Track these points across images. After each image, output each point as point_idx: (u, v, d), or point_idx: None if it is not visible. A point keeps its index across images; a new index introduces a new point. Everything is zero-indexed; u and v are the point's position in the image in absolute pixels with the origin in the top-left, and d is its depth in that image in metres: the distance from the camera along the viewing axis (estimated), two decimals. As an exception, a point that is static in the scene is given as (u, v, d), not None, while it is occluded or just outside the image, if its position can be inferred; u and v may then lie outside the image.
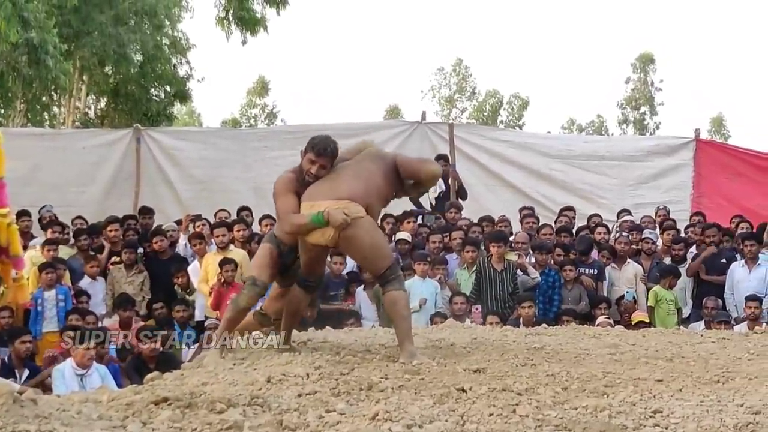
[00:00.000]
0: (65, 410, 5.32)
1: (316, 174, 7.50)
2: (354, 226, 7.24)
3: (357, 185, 7.44)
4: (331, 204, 7.24)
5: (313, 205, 7.30)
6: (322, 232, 7.25)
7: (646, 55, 58.13)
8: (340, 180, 7.47)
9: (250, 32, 26.57)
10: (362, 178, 7.53)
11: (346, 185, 7.42)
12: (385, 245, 7.82)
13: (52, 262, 12.62)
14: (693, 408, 5.66)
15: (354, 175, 7.55)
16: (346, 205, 7.25)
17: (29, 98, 27.83)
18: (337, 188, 7.40)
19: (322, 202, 7.28)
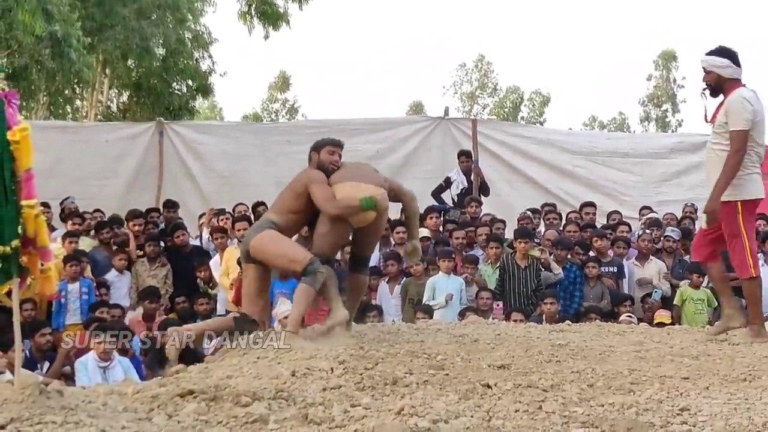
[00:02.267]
0: (91, 402, 5.33)
1: (338, 163, 8.27)
2: (385, 214, 8.24)
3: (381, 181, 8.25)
4: (375, 189, 7.97)
5: (358, 186, 7.99)
6: (365, 214, 7.95)
7: (669, 52, 57.96)
8: (368, 172, 8.31)
9: (273, 27, 26.67)
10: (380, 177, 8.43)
11: (377, 178, 8.24)
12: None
13: (76, 254, 12.63)
14: (720, 406, 5.64)
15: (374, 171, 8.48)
16: (384, 195, 8.01)
17: (52, 91, 27.89)
18: (373, 177, 8.23)
19: (367, 185, 8.00)
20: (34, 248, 5.36)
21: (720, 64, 8.47)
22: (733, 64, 8.51)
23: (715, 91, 8.54)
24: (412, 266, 12.84)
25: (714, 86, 8.51)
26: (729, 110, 8.33)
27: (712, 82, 8.52)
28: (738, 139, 8.28)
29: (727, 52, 8.60)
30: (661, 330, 9.55)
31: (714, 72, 8.48)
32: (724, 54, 8.56)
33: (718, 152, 8.42)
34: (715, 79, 8.49)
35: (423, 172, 16.97)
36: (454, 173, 16.33)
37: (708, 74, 8.53)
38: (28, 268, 5.42)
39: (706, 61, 8.56)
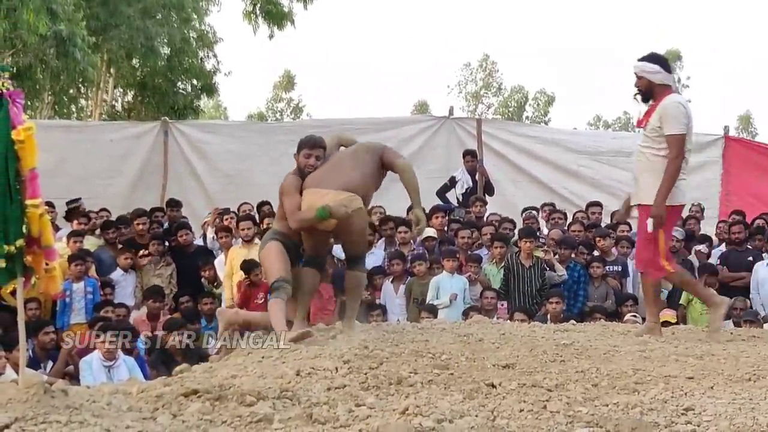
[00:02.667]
0: (95, 401, 5.33)
1: (314, 165, 8.49)
2: (352, 216, 8.20)
3: (356, 177, 8.37)
4: (335, 195, 8.15)
5: (318, 192, 8.21)
6: (327, 222, 8.16)
7: (673, 52, 57.91)
8: (342, 171, 8.43)
9: (277, 26, 26.68)
10: (360, 169, 8.45)
11: (348, 177, 8.33)
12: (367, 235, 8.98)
13: (81, 253, 12.64)
14: (725, 406, 5.63)
15: (353, 166, 8.48)
16: (347, 198, 8.17)
17: (57, 91, 27.92)
18: (340, 179, 8.31)
19: (327, 191, 8.19)
20: (38, 248, 5.36)
21: (651, 70, 8.67)
22: (663, 70, 8.73)
23: (645, 96, 8.73)
24: (415, 266, 12.85)
25: (645, 91, 8.72)
26: (665, 115, 8.51)
27: (642, 88, 8.73)
28: (676, 143, 8.49)
29: (658, 58, 8.86)
30: (666, 330, 9.54)
31: (645, 77, 8.68)
32: (655, 60, 8.77)
33: (648, 156, 8.60)
34: (646, 85, 8.69)
35: (428, 171, 16.94)
36: (458, 173, 16.33)
37: (639, 80, 8.74)
38: (33, 267, 5.42)
39: (638, 66, 8.75)
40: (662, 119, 8.48)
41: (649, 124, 8.56)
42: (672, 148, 8.46)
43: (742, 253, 13.99)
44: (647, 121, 8.60)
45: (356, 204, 8.22)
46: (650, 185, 8.56)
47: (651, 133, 8.56)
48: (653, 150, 8.54)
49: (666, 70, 8.73)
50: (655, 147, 8.53)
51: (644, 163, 8.61)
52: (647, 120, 8.61)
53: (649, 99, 8.69)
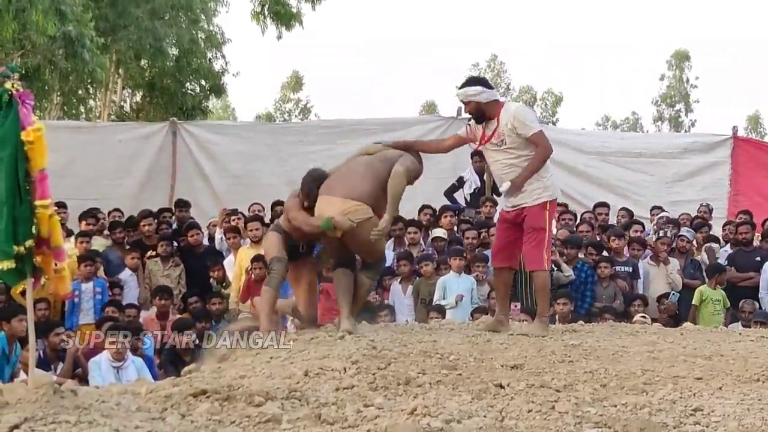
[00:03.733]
0: (104, 402, 5.34)
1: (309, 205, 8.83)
2: (359, 227, 8.43)
3: (366, 186, 8.61)
4: (341, 204, 8.44)
5: (328, 200, 8.57)
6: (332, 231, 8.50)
7: (682, 52, 57.89)
8: (352, 179, 8.64)
9: (286, 27, 26.68)
10: (372, 178, 8.66)
11: (358, 185, 8.59)
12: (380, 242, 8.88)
13: (91, 254, 12.66)
14: (734, 406, 5.63)
15: (365, 174, 8.70)
16: (353, 209, 8.42)
17: (66, 91, 27.95)
18: (349, 186, 8.58)
19: (336, 198, 8.51)
20: (47, 248, 5.37)
21: (474, 92, 8.80)
22: (486, 89, 8.86)
23: (479, 118, 8.83)
24: (422, 267, 12.88)
25: (477, 113, 8.83)
26: (518, 119, 8.68)
27: (473, 111, 8.86)
28: (542, 138, 8.74)
29: (479, 79, 9.26)
30: (675, 330, 9.54)
31: (472, 101, 8.80)
32: (475, 82, 8.97)
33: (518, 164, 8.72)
34: (475, 107, 8.81)
35: (436, 171, 16.92)
36: (467, 173, 16.30)
37: (467, 104, 8.90)
38: (42, 268, 5.43)
39: (461, 94, 8.91)
40: (517, 127, 8.63)
41: (507, 138, 8.66)
42: (541, 142, 8.72)
43: (749, 254, 13.96)
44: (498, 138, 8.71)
45: (362, 215, 8.41)
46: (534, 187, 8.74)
47: (512, 144, 8.67)
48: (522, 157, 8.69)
49: (488, 88, 8.89)
50: (522, 154, 8.68)
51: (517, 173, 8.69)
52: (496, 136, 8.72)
53: (483, 119, 8.80)
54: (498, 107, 8.76)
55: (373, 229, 8.54)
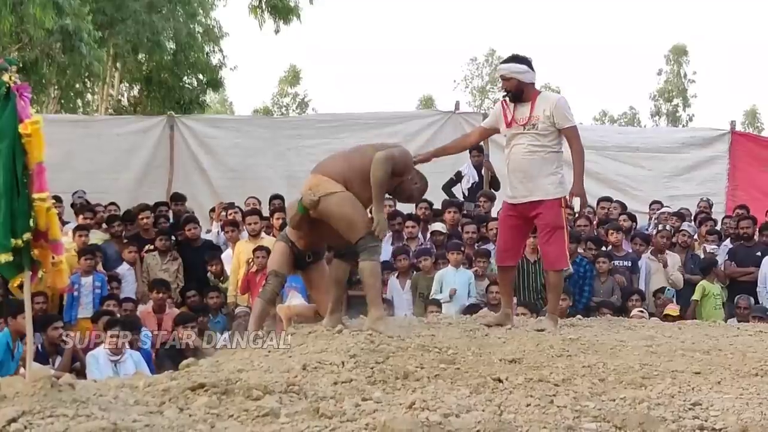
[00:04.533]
0: (102, 395, 5.34)
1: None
2: (324, 202, 8.15)
3: (339, 164, 8.37)
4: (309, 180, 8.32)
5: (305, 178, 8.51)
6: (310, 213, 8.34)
7: (680, 46, 57.85)
8: (332, 158, 8.62)
9: (283, 21, 26.60)
10: (350, 159, 8.40)
11: (331, 163, 8.44)
12: (359, 218, 8.27)
13: (91, 247, 12.65)
14: (732, 401, 5.64)
15: (344, 155, 8.55)
16: (316, 183, 8.21)
17: (63, 85, 27.88)
18: (323, 165, 8.49)
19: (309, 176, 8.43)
20: (45, 241, 5.36)
21: (520, 70, 8.70)
22: (530, 70, 8.79)
23: (516, 97, 8.72)
24: (420, 261, 12.88)
25: (515, 92, 8.71)
26: (560, 109, 8.63)
27: (512, 89, 8.72)
28: (577, 134, 8.73)
29: (524, 58, 8.90)
30: (673, 324, 9.54)
31: (515, 78, 8.69)
32: (522, 60, 8.84)
33: (543, 154, 8.64)
34: (516, 85, 8.69)
35: (433, 166, 16.58)
36: (464, 167, 16.29)
37: (508, 81, 8.74)
38: (40, 261, 5.42)
39: (506, 68, 8.78)
40: (555, 115, 8.56)
41: (540, 124, 8.58)
42: (575, 139, 8.70)
43: (750, 249, 13.97)
44: (530, 122, 8.60)
45: (324, 188, 8.15)
46: (551, 181, 8.67)
47: (544, 131, 8.59)
48: (547, 147, 8.63)
49: (532, 69, 8.81)
50: (548, 144, 8.62)
51: (538, 161, 8.61)
52: (528, 119, 8.61)
53: (519, 99, 8.70)
54: (534, 92, 8.70)
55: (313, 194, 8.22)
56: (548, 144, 8.61)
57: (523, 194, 8.70)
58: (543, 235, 8.80)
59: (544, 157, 8.61)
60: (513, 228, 8.97)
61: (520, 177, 8.68)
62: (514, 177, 8.75)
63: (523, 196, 8.71)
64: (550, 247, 8.79)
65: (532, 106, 8.60)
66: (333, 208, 8.17)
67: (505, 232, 9.08)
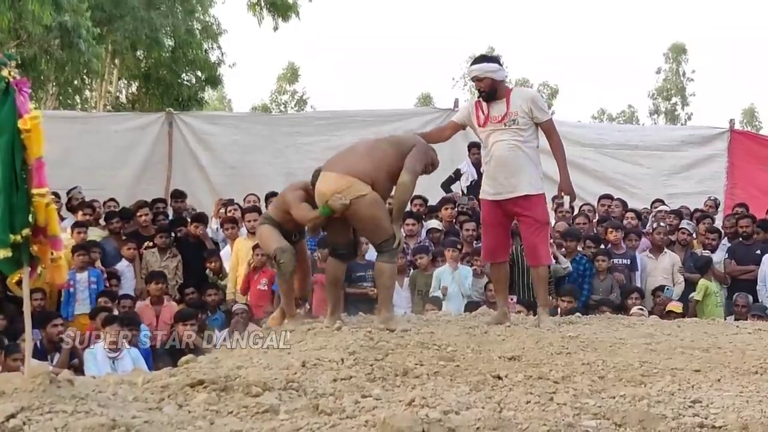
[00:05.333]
0: (101, 391, 5.33)
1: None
2: (355, 205, 8.20)
3: (365, 163, 8.36)
4: (337, 180, 8.25)
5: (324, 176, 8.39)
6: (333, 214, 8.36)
7: (678, 45, 57.91)
8: (352, 156, 8.53)
9: (282, 18, 26.62)
10: (373, 156, 8.44)
11: (355, 162, 8.38)
12: (385, 221, 8.42)
13: (85, 244, 12.63)
14: (732, 398, 5.63)
15: (366, 153, 8.51)
16: (347, 186, 8.19)
17: (61, 82, 27.83)
18: (346, 163, 8.41)
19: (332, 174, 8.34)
20: (44, 237, 5.35)
21: (492, 69, 8.75)
22: (501, 67, 8.87)
23: (490, 96, 8.72)
24: (417, 259, 12.87)
25: (489, 91, 8.71)
26: (536, 103, 8.74)
27: (487, 88, 8.72)
28: (554, 125, 8.92)
29: (493, 57, 9.17)
30: (672, 322, 9.53)
31: (489, 77, 8.70)
32: (492, 60, 8.98)
33: (525, 148, 8.67)
34: (490, 85, 8.71)
35: (433, 164, 16.92)
36: (464, 165, 16.28)
37: (481, 81, 8.74)
38: (39, 257, 5.42)
39: (479, 68, 8.77)
40: (534, 108, 8.65)
41: (518, 118, 8.61)
42: (554, 131, 8.84)
43: (749, 247, 13.95)
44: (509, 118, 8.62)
45: (355, 192, 8.19)
46: (534, 176, 8.72)
47: (524, 126, 8.63)
48: (528, 142, 8.68)
49: (502, 67, 8.90)
50: (529, 139, 8.68)
51: (522, 156, 8.64)
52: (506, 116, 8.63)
53: (493, 98, 8.71)
54: (506, 89, 8.74)
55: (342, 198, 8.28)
56: (529, 138, 8.67)
57: (508, 190, 8.71)
58: (531, 231, 8.80)
59: (527, 151, 8.66)
60: (497, 225, 8.98)
61: (505, 173, 8.69)
62: (498, 173, 8.74)
63: (509, 192, 8.71)
64: (537, 242, 8.84)
65: (508, 103, 8.64)
66: (363, 211, 8.28)
67: (490, 230, 9.10)
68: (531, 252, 9.02)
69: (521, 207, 8.71)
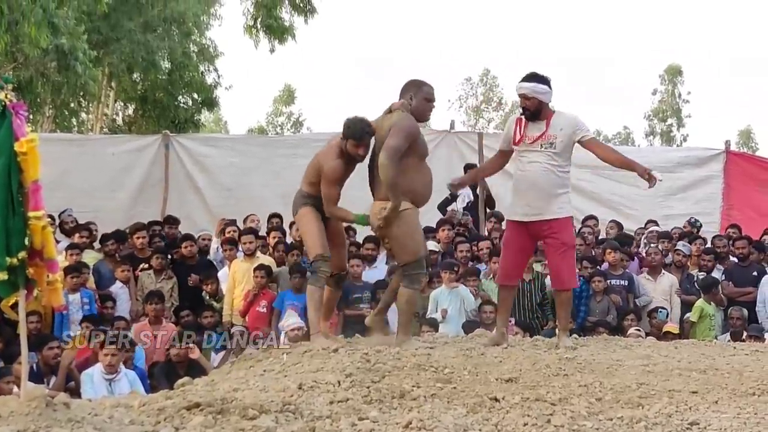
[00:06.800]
0: (97, 414, 5.32)
1: (364, 154, 8.54)
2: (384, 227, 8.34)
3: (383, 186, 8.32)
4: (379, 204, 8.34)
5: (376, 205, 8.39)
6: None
7: (674, 67, 58.10)
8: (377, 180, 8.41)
9: (278, 40, 26.65)
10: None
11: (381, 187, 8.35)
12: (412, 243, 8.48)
13: (77, 265, 12.62)
14: (730, 420, 5.61)
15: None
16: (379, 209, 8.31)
17: (58, 104, 27.88)
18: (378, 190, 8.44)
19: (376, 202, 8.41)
20: (40, 260, 5.35)
21: (543, 91, 8.72)
22: (550, 90, 8.82)
23: (533, 116, 8.72)
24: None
25: (534, 111, 8.71)
26: (577, 124, 8.75)
27: (532, 108, 8.71)
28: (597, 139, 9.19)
29: (544, 78, 8.87)
30: (669, 344, 9.53)
31: (536, 98, 8.69)
32: (543, 80, 8.82)
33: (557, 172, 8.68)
34: (537, 105, 8.70)
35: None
36: (460, 187, 16.31)
37: (529, 100, 8.70)
38: (35, 279, 5.41)
39: (528, 87, 8.72)
40: (576, 131, 8.68)
41: (556, 141, 8.63)
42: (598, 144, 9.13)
43: (746, 269, 13.97)
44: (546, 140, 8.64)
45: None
46: (563, 200, 8.73)
47: (560, 150, 8.64)
48: (562, 167, 8.70)
49: (551, 89, 8.84)
50: (563, 164, 8.70)
51: (555, 180, 8.66)
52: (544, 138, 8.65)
53: (537, 118, 8.71)
54: (549, 112, 8.75)
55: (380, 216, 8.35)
56: (563, 164, 8.67)
57: (537, 212, 8.70)
58: (557, 254, 8.79)
59: (559, 175, 8.66)
60: (519, 249, 8.99)
61: (536, 195, 8.69)
62: (530, 195, 8.73)
63: (536, 215, 8.71)
64: (564, 265, 8.82)
65: (547, 125, 8.64)
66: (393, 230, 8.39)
67: (510, 252, 9.06)
68: (556, 276, 9.02)
69: (549, 229, 8.71)
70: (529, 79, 8.79)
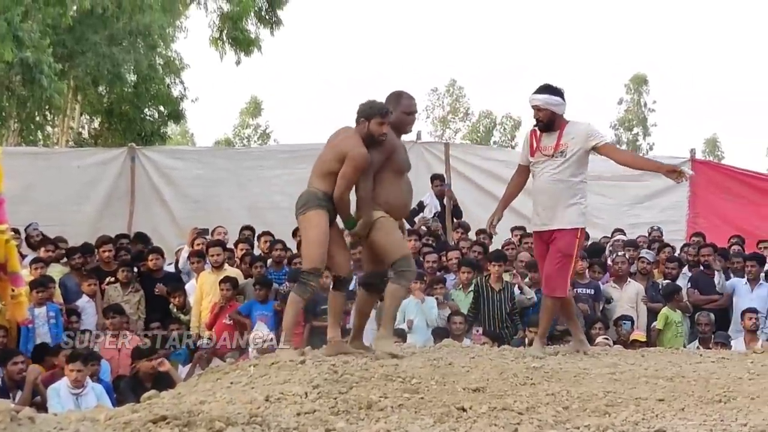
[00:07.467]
0: (63, 429, 5.29)
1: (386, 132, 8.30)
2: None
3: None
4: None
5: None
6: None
7: (640, 76, 58.45)
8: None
9: (244, 52, 26.69)
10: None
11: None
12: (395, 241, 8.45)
13: (43, 279, 12.55)
14: (696, 427, 5.64)
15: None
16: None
17: (23, 118, 27.73)
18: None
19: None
20: (4, 274, 5.33)
21: (556, 103, 8.81)
22: (563, 101, 8.90)
23: (547, 127, 8.80)
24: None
25: (547, 122, 8.79)
26: (590, 131, 8.81)
27: (545, 119, 8.80)
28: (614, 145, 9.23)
29: (558, 90, 8.94)
30: (636, 352, 9.56)
31: (549, 109, 8.78)
32: (556, 92, 8.90)
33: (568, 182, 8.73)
34: (550, 116, 8.79)
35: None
36: (426, 197, 16.35)
37: (542, 111, 8.80)
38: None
39: (541, 99, 8.82)
40: (589, 138, 8.72)
41: (567, 150, 8.69)
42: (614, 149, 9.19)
43: (711, 277, 14.08)
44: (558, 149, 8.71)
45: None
46: (573, 210, 8.75)
47: (572, 159, 8.69)
48: (574, 177, 8.73)
49: (564, 101, 8.91)
50: (575, 173, 8.72)
51: (563, 189, 8.71)
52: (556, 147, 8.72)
53: (550, 129, 8.79)
54: (563, 122, 8.81)
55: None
56: (576, 173, 8.71)
57: (544, 222, 8.82)
58: (551, 261, 8.84)
59: (570, 185, 8.71)
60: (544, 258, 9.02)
61: (544, 204, 8.81)
62: (538, 204, 8.87)
63: (543, 224, 8.84)
64: (556, 273, 8.83)
65: (560, 135, 8.72)
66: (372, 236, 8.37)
67: (541, 262, 9.22)
68: (546, 281, 9.04)
69: (553, 239, 8.79)
70: (542, 90, 8.87)
